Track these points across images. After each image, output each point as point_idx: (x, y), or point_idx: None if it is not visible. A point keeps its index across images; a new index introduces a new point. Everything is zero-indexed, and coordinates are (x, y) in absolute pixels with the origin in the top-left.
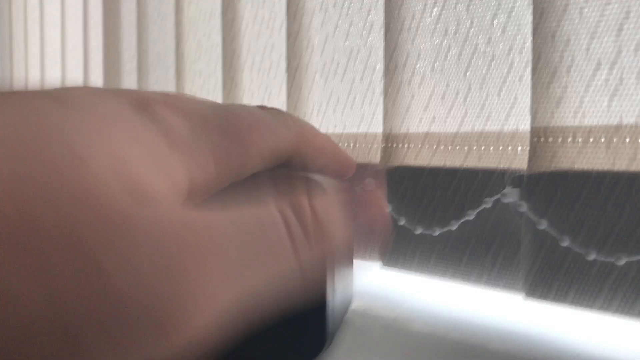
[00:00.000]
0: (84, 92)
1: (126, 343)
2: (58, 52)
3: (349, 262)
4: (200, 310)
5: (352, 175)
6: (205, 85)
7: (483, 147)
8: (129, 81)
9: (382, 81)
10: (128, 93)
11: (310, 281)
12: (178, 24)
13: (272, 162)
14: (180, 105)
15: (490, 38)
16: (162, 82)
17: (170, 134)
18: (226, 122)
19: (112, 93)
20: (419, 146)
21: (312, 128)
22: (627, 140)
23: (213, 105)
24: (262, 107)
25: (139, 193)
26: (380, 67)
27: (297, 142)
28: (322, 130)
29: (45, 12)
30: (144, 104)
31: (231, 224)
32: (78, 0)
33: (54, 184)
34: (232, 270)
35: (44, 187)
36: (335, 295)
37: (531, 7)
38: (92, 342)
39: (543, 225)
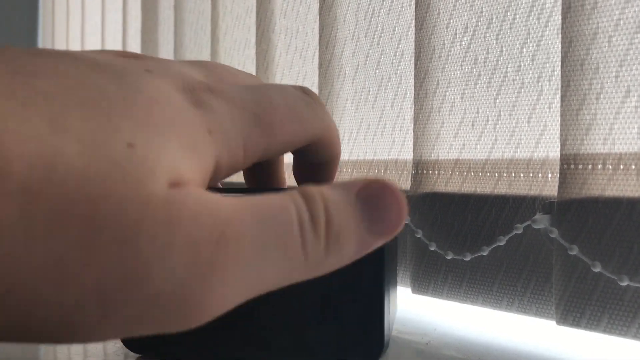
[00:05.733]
0: (138, 68)
1: (152, 321)
2: None
3: (395, 281)
4: (217, 303)
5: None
6: None
7: (513, 174)
8: None
9: (413, 108)
10: (178, 75)
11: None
12: (213, 53)
13: (294, 148)
14: (223, 90)
15: (519, 66)
16: None
17: (210, 120)
18: (262, 112)
19: (163, 73)
20: (449, 173)
21: (334, 124)
22: None
23: (254, 90)
24: (302, 92)
25: (177, 180)
26: (410, 94)
27: (321, 135)
28: (354, 157)
29: (86, 44)
30: (191, 89)
31: (250, 216)
32: (117, 29)
33: (119, 186)
34: (248, 263)
35: (110, 190)
36: (389, 306)
37: (560, 35)
38: (123, 317)
39: (574, 251)
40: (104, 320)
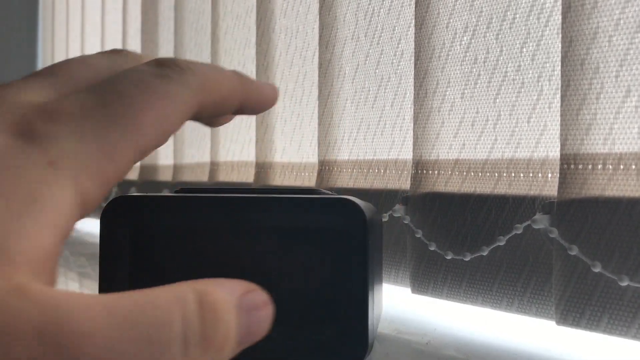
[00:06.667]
0: None
1: None
2: None
3: (380, 280)
4: None
5: (273, 103)
6: None
7: (513, 174)
8: None
9: (412, 108)
10: (12, 105)
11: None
12: (214, 53)
13: (176, 126)
14: (64, 109)
15: (519, 65)
16: None
17: (51, 151)
18: (114, 111)
19: None
20: (449, 173)
21: (215, 76)
22: None
23: (101, 89)
24: (156, 65)
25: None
26: (410, 94)
27: (199, 98)
28: (353, 156)
29: (87, 44)
30: (24, 121)
31: (119, 328)
32: (117, 29)
33: None
34: None
35: None
36: (373, 306)
37: (560, 35)
38: None
39: (574, 251)
40: None
